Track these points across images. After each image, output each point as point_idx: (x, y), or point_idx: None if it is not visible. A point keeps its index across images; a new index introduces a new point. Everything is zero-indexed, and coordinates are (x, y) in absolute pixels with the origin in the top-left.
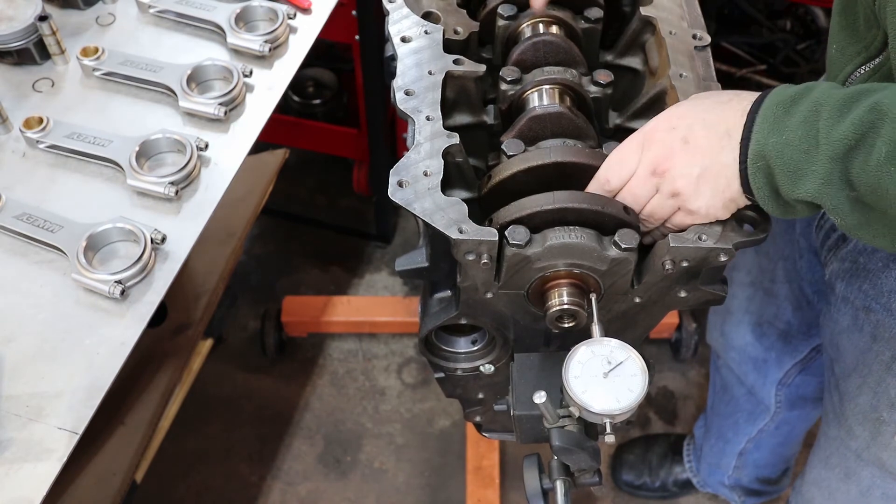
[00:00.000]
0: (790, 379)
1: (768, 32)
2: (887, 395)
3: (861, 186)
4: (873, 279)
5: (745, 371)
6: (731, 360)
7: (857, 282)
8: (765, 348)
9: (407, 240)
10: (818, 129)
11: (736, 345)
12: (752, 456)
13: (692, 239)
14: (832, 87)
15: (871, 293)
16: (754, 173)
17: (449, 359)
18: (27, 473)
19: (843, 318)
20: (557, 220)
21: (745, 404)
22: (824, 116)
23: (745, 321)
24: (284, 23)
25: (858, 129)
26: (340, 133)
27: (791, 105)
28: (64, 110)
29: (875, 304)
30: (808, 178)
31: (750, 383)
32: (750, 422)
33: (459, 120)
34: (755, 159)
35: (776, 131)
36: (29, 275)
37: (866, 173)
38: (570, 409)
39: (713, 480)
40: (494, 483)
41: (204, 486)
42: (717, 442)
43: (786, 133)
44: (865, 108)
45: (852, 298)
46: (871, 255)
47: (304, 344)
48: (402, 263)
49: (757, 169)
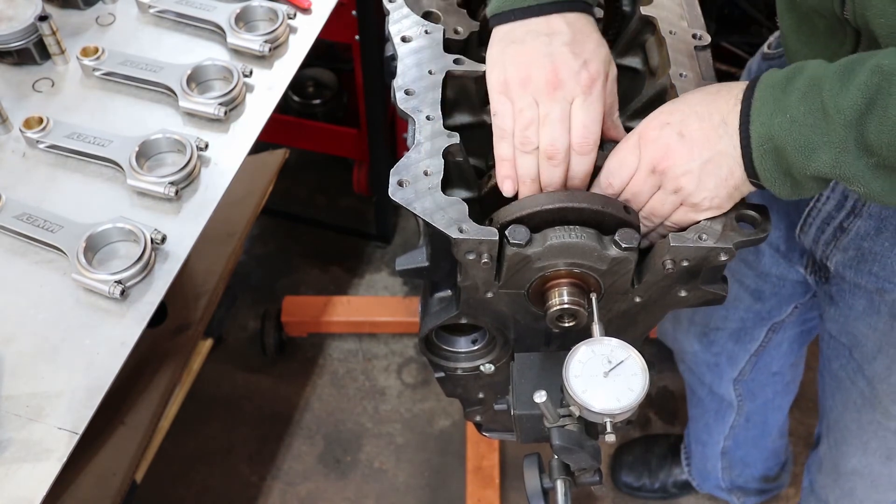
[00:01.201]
0: (745, 375)
1: (768, 32)
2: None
3: (881, 148)
4: (882, 261)
5: (702, 372)
6: (689, 361)
7: (867, 266)
8: (714, 354)
9: (407, 240)
10: (823, 100)
11: (687, 350)
12: (735, 454)
13: (692, 238)
14: (821, 63)
15: (881, 274)
16: (761, 157)
17: (449, 358)
18: (27, 473)
19: (858, 303)
20: (558, 219)
21: (710, 404)
22: (826, 88)
23: (691, 331)
24: (284, 23)
25: (866, 93)
26: (340, 133)
27: (787, 85)
28: (64, 110)
29: (888, 283)
30: (823, 150)
31: (708, 382)
32: (719, 420)
33: (460, 119)
34: (761, 142)
35: (779, 111)
36: (29, 275)
37: (884, 134)
38: (570, 408)
39: (709, 485)
40: (494, 483)
41: (204, 486)
42: (698, 447)
43: (789, 111)
44: (868, 72)
45: (864, 283)
46: (874, 238)
47: (304, 344)
48: (403, 263)
49: (764, 152)
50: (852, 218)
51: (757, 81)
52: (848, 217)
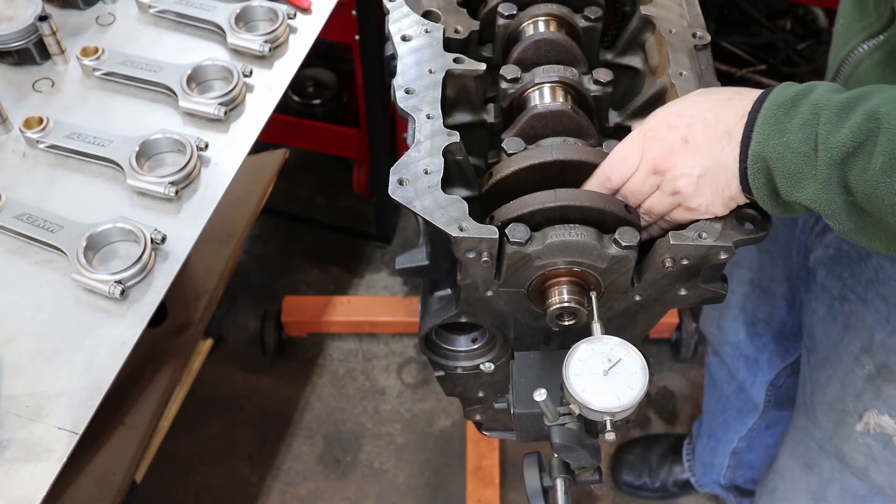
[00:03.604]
0: (780, 381)
1: (768, 32)
2: (854, 385)
3: (858, 193)
4: (853, 268)
5: (737, 367)
6: (725, 354)
7: (838, 269)
8: (757, 348)
9: (407, 240)
10: (817, 133)
11: (730, 340)
12: (745, 457)
13: (692, 237)
14: (832, 88)
15: (849, 282)
16: (754, 174)
17: (449, 357)
18: (27, 473)
19: (820, 307)
20: (558, 217)
21: (734, 401)
22: (823, 121)
23: (740, 318)
24: (284, 23)
25: (857, 138)
26: (340, 133)
27: (792, 106)
28: (64, 110)
29: (851, 293)
30: (808, 183)
31: (741, 379)
32: (740, 419)
33: (460, 118)
34: (755, 160)
35: (777, 133)
36: (29, 275)
37: (864, 181)
38: (570, 406)
39: (708, 480)
40: (494, 483)
41: (204, 486)
42: (710, 441)
43: (786, 135)
44: (864, 116)
45: (830, 287)
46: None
47: (304, 344)
48: (403, 262)
49: (757, 170)
50: None
51: (767, 95)
52: None
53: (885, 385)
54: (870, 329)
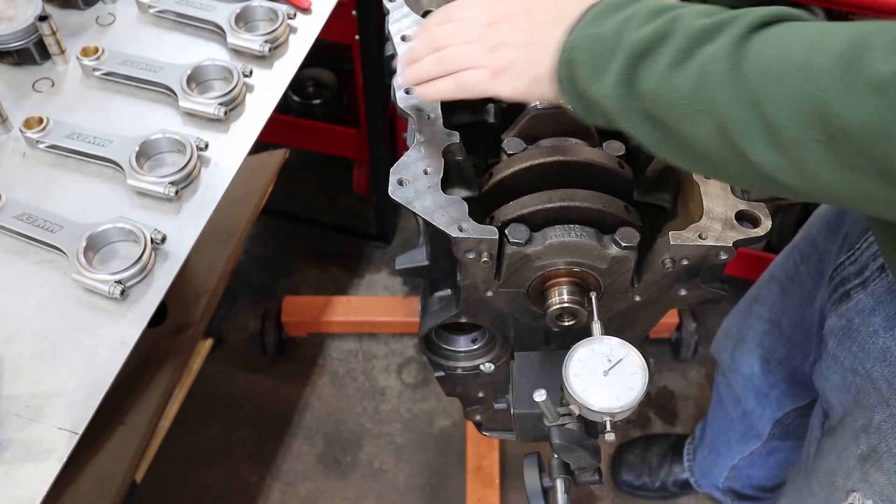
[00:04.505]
0: (788, 420)
1: None
2: (847, 463)
3: (647, 96)
4: (862, 343)
5: (746, 396)
6: (735, 382)
7: (848, 342)
8: (769, 384)
9: (407, 240)
10: (625, 28)
11: (743, 371)
12: (745, 472)
13: (692, 237)
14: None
15: (859, 356)
16: (565, 60)
17: (449, 357)
18: (27, 473)
19: (833, 376)
20: (558, 218)
21: (738, 426)
22: (637, 19)
23: (756, 353)
24: (284, 23)
25: (653, 36)
26: (340, 133)
27: (623, 6)
28: (64, 110)
29: (861, 367)
30: (605, 76)
31: (749, 408)
32: (743, 443)
33: (459, 118)
34: (569, 47)
35: (596, 24)
36: (29, 275)
37: (650, 80)
38: (570, 407)
39: (706, 482)
40: (494, 483)
41: (204, 486)
42: (710, 454)
43: (602, 27)
44: (668, 18)
45: (842, 358)
46: (866, 317)
47: (304, 344)
48: (402, 262)
49: (568, 56)
50: (860, 289)
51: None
52: (857, 287)
53: (873, 470)
54: (872, 408)
